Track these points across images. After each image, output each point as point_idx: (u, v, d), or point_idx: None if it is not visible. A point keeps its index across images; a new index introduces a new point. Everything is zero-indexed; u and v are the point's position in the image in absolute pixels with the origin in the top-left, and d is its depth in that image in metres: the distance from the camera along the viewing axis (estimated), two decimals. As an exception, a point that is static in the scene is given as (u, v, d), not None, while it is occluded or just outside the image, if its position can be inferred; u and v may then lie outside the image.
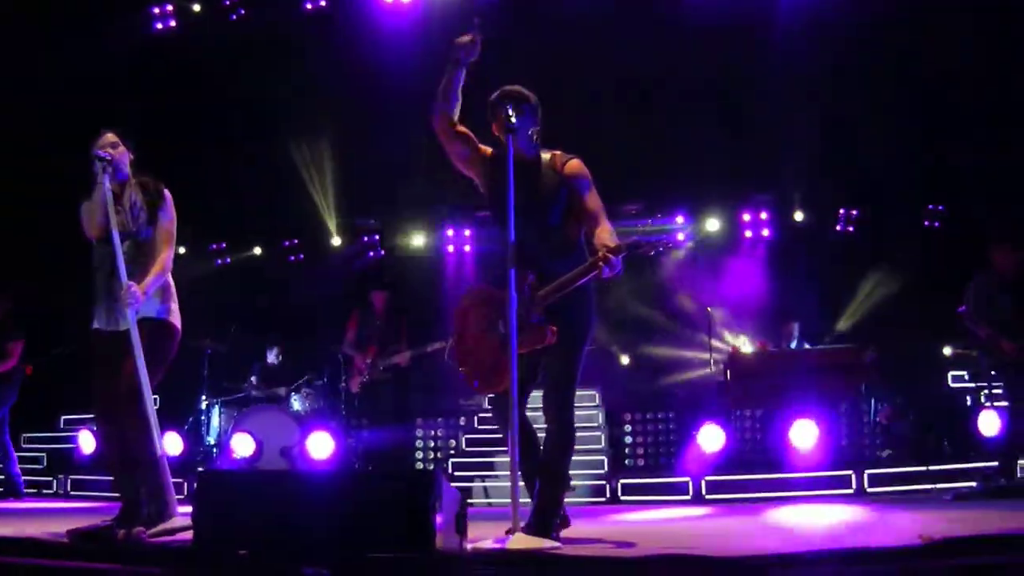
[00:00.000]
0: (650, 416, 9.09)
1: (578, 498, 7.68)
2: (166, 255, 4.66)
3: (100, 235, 4.59)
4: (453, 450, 9.08)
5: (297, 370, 9.72)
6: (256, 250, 12.03)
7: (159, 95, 9.85)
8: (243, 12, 10.55)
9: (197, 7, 10.71)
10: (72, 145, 5.15)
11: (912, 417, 8.90)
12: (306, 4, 10.60)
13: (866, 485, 7.57)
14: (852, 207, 10.87)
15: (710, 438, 7.98)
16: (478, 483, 8.30)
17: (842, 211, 10.90)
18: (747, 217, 11.12)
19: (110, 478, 4.93)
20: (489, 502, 8.13)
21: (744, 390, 8.68)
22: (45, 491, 9.24)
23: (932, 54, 9.01)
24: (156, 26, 10.67)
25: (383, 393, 8.98)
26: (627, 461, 8.96)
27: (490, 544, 3.81)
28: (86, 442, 9.09)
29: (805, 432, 7.74)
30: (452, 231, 11.73)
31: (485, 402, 8.34)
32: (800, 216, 10.98)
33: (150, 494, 4.43)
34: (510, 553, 3.63)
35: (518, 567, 3.46)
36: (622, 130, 9.70)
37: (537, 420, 4.34)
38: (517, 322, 3.89)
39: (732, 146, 10.00)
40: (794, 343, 9.46)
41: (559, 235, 4.25)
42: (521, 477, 4.07)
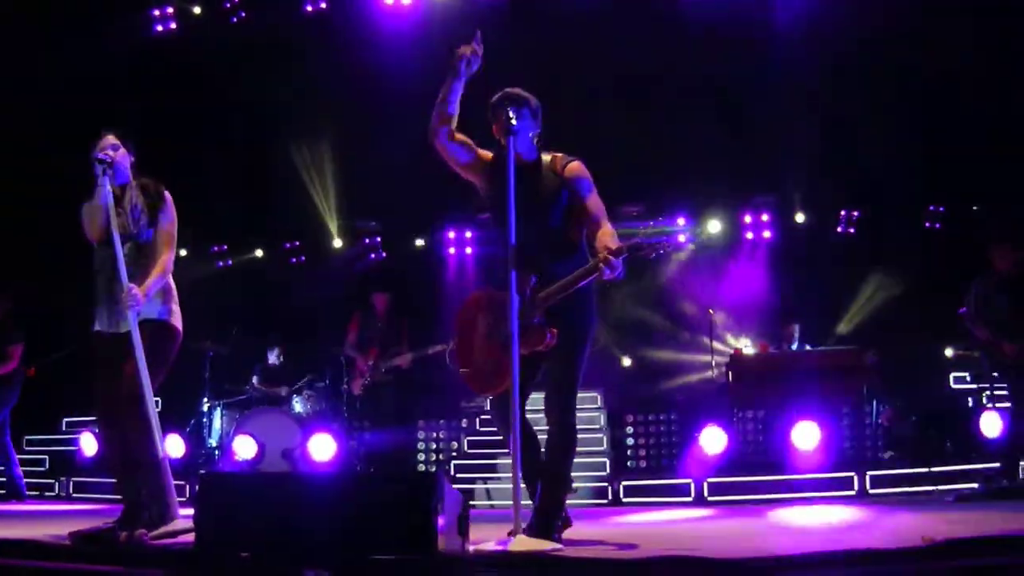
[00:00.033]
0: (652, 418, 9.08)
1: (580, 500, 7.69)
2: (167, 257, 4.66)
3: (101, 237, 4.59)
4: (455, 452, 9.07)
5: (298, 372, 9.74)
6: (257, 252, 12.03)
7: (160, 97, 9.85)
8: (244, 14, 10.56)
9: (197, 9, 10.71)
10: (72, 145, 5.15)
11: (914, 418, 8.89)
12: (306, 6, 10.59)
13: (868, 487, 7.57)
14: (853, 208, 10.86)
15: (712, 440, 7.97)
16: (480, 485, 8.30)
17: (843, 212, 10.90)
18: (748, 219, 11.12)
19: (112, 480, 4.93)
20: (491, 504, 8.13)
21: (746, 392, 8.68)
22: (47, 493, 9.24)
23: (933, 55, 8.99)
24: (156, 28, 10.68)
25: (385, 395, 8.99)
26: (629, 463, 8.95)
27: (492, 546, 3.80)
28: (88, 444, 9.09)
29: (807, 434, 7.73)
30: (453, 233, 11.72)
31: (487, 404, 8.33)
32: (801, 218, 10.97)
33: (152, 496, 4.42)
34: (512, 555, 3.63)
35: (520, 569, 3.46)
36: (623, 131, 9.68)
37: (538, 422, 4.34)
38: (518, 324, 3.89)
39: (733, 147, 9.99)
40: (795, 345, 9.45)
41: (560, 237, 4.25)
42: (522, 479, 4.06)
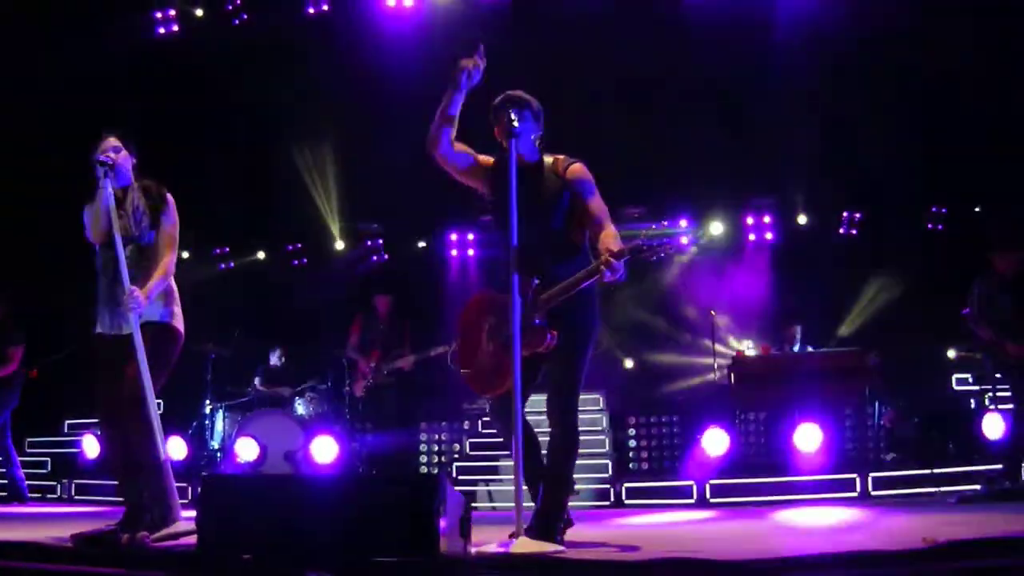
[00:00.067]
0: (654, 420, 9.06)
1: (582, 502, 7.68)
2: (169, 259, 4.66)
3: (103, 240, 4.59)
4: (457, 454, 9.07)
5: (300, 374, 9.75)
6: (259, 254, 12.04)
7: (162, 98, 9.85)
8: (246, 16, 10.56)
9: (200, 12, 10.72)
10: (72, 145, 5.15)
11: (916, 420, 8.88)
12: (309, 8, 10.59)
13: (870, 488, 7.56)
14: (855, 210, 10.86)
15: (714, 442, 7.97)
16: (482, 487, 8.30)
17: (845, 214, 10.90)
18: (750, 220, 11.12)
19: (114, 482, 4.93)
20: (493, 506, 8.13)
21: (748, 394, 8.67)
22: (49, 495, 9.24)
23: (933, 55, 8.99)
24: (159, 31, 10.68)
25: (387, 397, 8.99)
26: (631, 465, 8.94)
27: (494, 548, 3.80)
28: (90, 446, 9.08)
29: (809, 435, 7.72)
30: (455, 235, 11.73)
31: (488, 406, 8.33)
32: (803, 219, 10.97)
33: (154, 498, 4.42)
34: (514, 557, 3.62)
35: (522, 571, 3.46)
36: (624, 133, 9.69)
37: (540, 424, 4.34)
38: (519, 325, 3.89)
39: (734, 149, 9.99)
40: (796, 346, 9.44)
41: (562, 239, 4.25)
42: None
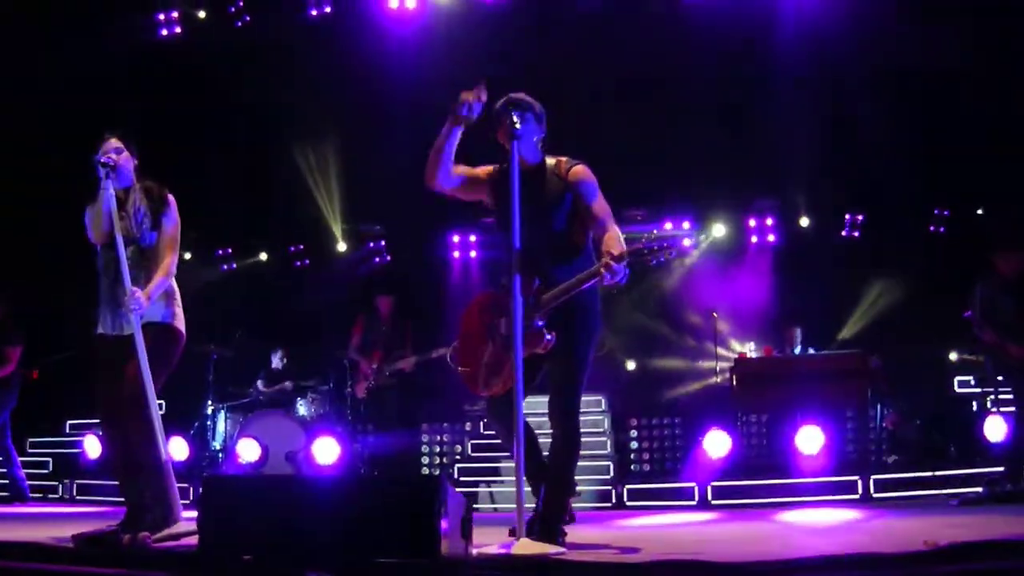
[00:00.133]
0: (656, 422, 9.04)
1: (584, 503, 7.66)
2: (170, 260, 4.66)
3: (104, 241, 4.60)
4: (458, 455, 9.06)
5: (302, 375, 9.75)
6: (261, 256, 12.03)
7: (163, 99, 9.85)
8: (248, 18, 10.56)
9: (202, 13, 10.72)
10: (72, 145, 5.15)
11: (918, 422, 8.87)
12: (311, 11, 10.57)
13: (872, 491, 7.54)
14: (857, 212, 10.86)
15: (716, 444, 7.96)
16: (483, 488, 8.29)
17: (847, 216, 10.89)
18: (753, 223, 11.11)
19: (115, 483, 4.93)
20: (494, 507, 8.12)
21: (750, 396, 8.67)
22: (51, 496, 9.24)
23: (934, 56, 8.99)
24: (161, 32, 10.68)
25: (389, 398, 9.00)
26: (633, 466, 8.93)
27: (495, 549, 3.80)
28: (92, 447, 9.07)
29: (811, 438, 7.71)
30: (458, 237, 11.72)
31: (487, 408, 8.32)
32: (805, 222, 10.96)
33: (155, 499, 4.42)
34: (515, 558, 3.62)
35: (523, 572, 3.46)
36: (626, 135, 9.68)
37: (541, 425, 4.34)
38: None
39: (736, 151, 9.99)
40: (797, 348, 9.44)
41: (564, 241, 4.25)
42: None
